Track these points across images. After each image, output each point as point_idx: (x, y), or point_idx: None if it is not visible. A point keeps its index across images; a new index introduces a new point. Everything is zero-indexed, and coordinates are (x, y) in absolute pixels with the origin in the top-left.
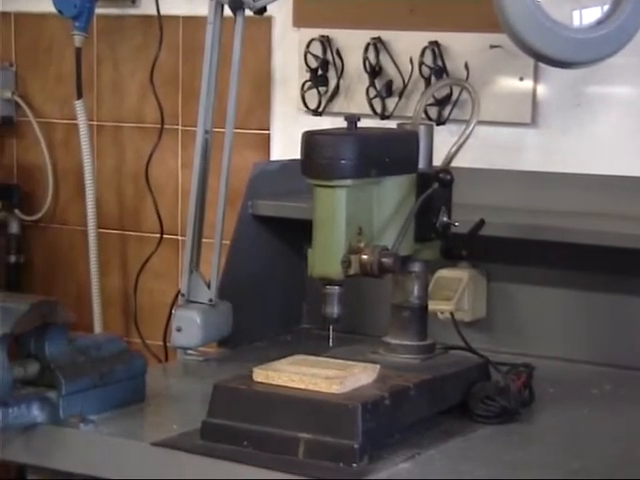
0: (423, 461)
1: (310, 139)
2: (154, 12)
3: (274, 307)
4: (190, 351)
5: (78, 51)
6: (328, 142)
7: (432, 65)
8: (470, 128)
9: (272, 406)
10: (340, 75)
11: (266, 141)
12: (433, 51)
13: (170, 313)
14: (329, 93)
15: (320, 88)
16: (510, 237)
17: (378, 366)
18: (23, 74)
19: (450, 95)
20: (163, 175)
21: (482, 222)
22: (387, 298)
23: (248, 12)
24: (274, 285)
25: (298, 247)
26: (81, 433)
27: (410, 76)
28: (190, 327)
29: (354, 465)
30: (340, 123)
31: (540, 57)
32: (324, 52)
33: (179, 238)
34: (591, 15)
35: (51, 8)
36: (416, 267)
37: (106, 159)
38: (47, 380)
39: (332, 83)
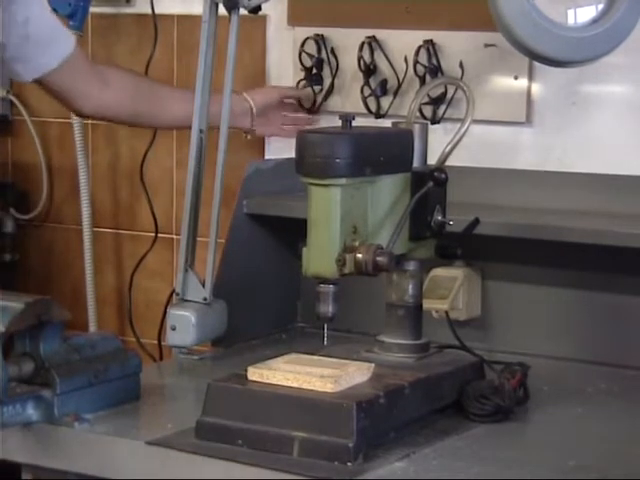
0: (418, 460)
1: (304, 138)
2: (149, 11)
3: (269, 306)
4: (185, 350)
5: None
6: (323, 141)
7: (427, 64)
8: (465, 127)
9: (267, 405)
10: (335, 74)
11: (261, 140)
12: (428, 50)
13: (165, 312)
14: (324, 92)
15: (315, 87)
16: (505, 236)
17: (373, 365)
18: None
19: (445, 94)
20: (158, 174)
21: (477, 221)
22: (382, 297)
23: (243, 11)
24: (269, 284)
25: (293, 246)
26: (76, 432)
27: (405, 75)
28: (185, 326)
29: (349, 464)
30: (335, 122)
31: (535, 56)
32: (319, 51)
33: (174, 237)
34: (586, 14)
35: None
36: (411, 266)
37: (101, 158)
38: (42, 379)
39: (327, 82)
